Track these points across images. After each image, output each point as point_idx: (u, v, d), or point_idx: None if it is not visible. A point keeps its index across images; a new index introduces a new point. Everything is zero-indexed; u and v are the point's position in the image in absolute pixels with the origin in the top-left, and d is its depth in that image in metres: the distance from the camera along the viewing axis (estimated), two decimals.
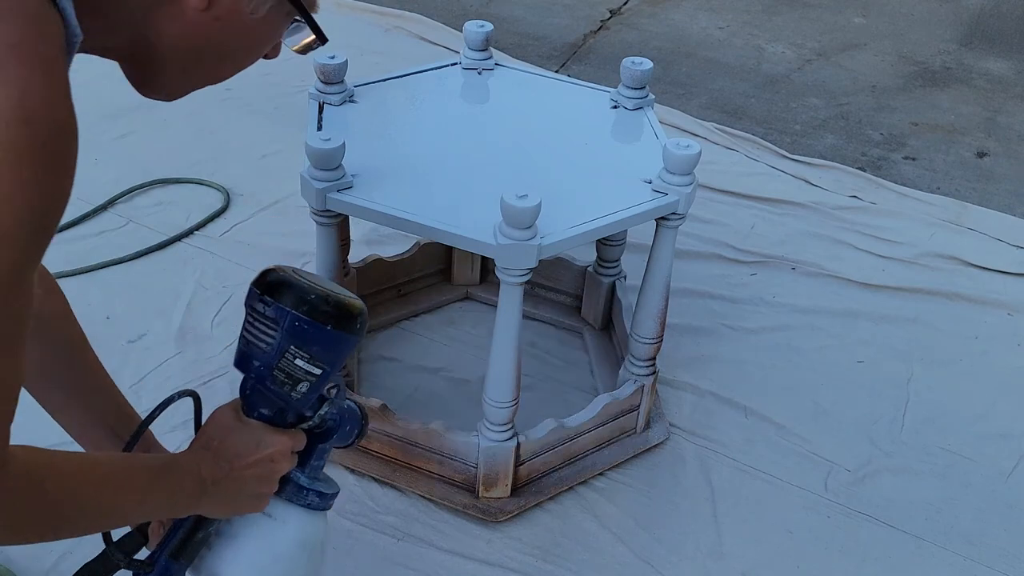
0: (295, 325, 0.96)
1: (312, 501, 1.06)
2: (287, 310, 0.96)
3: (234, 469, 0.96)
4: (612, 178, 1.60)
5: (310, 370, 0.98)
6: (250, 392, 1.01)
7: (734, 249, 2.37)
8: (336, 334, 0.98)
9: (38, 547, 1.55)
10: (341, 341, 0.99)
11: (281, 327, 0.96)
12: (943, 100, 3.21)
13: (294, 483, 1.05)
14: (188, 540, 1.01)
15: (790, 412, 1.92)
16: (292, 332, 0.96)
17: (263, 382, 0.99)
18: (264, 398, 1.00)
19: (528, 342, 1.96)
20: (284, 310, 0.96)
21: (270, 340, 0.97)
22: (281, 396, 1.00)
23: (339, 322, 0.98)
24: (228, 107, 2.81)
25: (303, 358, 0.97)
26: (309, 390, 1.00)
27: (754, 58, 3.44)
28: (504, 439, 1.61)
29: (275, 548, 1.04)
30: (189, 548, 1.01)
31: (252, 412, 1.01)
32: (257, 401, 1.01)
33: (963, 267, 2.37)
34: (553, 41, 3.47)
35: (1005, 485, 1.82)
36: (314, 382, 0.99)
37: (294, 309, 0.96)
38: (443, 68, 1.90)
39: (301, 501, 1.05)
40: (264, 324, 0.98)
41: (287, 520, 1.05)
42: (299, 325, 0.96)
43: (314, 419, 1.04)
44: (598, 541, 1.65)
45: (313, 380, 0.99)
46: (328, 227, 1.55)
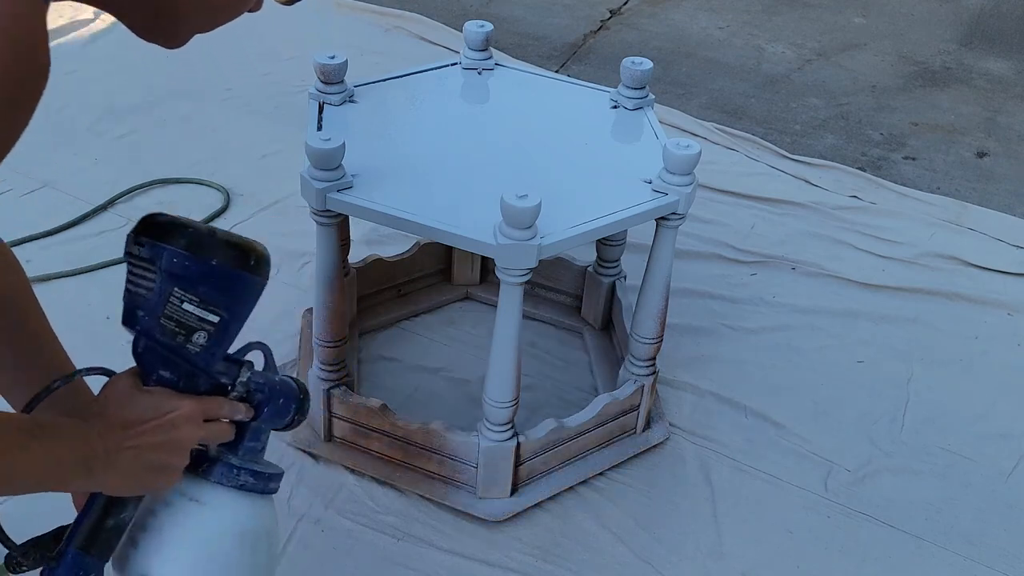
0: (174, 262, 0.87)
1: (246, 481, 0.95)
2: (163, 246, 0.87)
3: (129, 437, 0.87)
4: (612, 178, 1.60)
5: (203, 316, 0.89)
6: (143, 351, 0.91)
7: (734, 249, 2.37)
8: (225, 270, 0.89)
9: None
10: (233, 280, 0.90)
11: (159, 267, 0.87)
12: (943, 100, 3.21)
13: (223, 463, 0.95)
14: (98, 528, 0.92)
15: (790, 412, 1.92)
16: (172, 272, 0.87)
17: (152, 335, 0.89)
18: (159, 357, 0.91)
19: (528, 342, 1.96)
20: (160, 247, 0.88)
21: (150, 284, 0.88)
22: (176, 351, 0.90)
23: (226, 256, 0.89)
24: (228, 107, 2.81)
25: (191, 301, 0.88)
26: (209, 342, 0.90)
27: (754, 58, 3.44)
28: (504, 439, 1.61)
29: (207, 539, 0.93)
30: (100, 538, 0.91)
31: (151, 377, 0.92)
32: (152, 362, 0.91)
33: (963, 267, 2.37)
34: (553, 41, 3.47)
35: (1005, 485, 1.82)
36: (212, 332, 0.90)
37: (171, 244, 0.88)
38: (443, 68, 1.90)
39: (233, 482, 0.95)
40: (142, 268, 0.89)
41: (218, 506, 0.94)
42: (178, 261, 0.87)
43: (236, 388, 0.95)
44: (598, 541, 1.65)
45: (210, 329, 0.89)
46: (328, 227, 1.55)
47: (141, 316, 0.90)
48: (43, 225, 2.26)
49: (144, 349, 0.91)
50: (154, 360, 0.91)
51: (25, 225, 2.25)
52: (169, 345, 0.90)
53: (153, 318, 0.89)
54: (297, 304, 2.05)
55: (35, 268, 2.07)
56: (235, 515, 0.95)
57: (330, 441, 1.74)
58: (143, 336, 0.91)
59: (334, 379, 1.70)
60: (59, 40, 3.02)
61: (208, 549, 0.93)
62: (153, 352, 0.91)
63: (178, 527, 0.92)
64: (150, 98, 2.82)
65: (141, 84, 2.88)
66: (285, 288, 2.14)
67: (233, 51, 3.10)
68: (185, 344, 0.90)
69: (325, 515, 1.65)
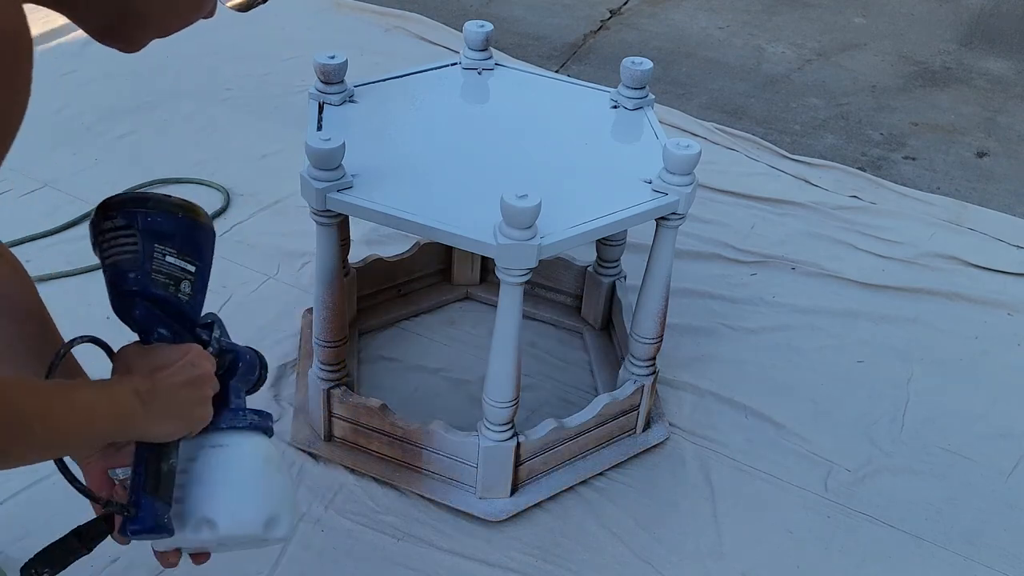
0: (149, 221, 0.98)
1: (252, 420, 1.07)
2: (136, 211, 0.98)
3: (161, 380, 0.95)
4: (612, 178, 1.60)
5: (184, 266, 1.00)
6: (140, 314, 1.00)
7: (734, 249, 2.37)
8: (190, 222, 1.01)
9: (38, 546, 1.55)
10: (197, 230, 1.02)
11: (138, 229, 0.98)
12: (943, 100, 3.21)
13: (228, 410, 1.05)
14: (157, 473, 0.98)
15: (790, 412, 1.92)
16: (149, 230, 0.98)
17: (148, 291, 0.99)
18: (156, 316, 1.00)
19: (528, 342, 1.96)
20: (133, 212, 0.98)
21: (133, 246, 0.98)
22: (171, 302, 1.00)
23: (186, 212, 1.01)
24: (228, 107, 2.81)
25: (171, 254, 0.99)
26: (193, 290, 1.02)
27: (754, 58, 3.44)
28: (504, 439, 1.61)
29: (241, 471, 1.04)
30: (162, 482, 0.99)
31: (151, 338, 1.01)
32: (151, 321, 1.00)
33: (963, 267, 2.37)
34: (553, 41, 3.47)
35: (1005, 485, 1.82)
36: (194, 280, 1.02)
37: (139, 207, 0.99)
38: (443, 68, 1.90)
39: (241, 423, 1.06)
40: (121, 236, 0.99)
41: (237, 444, 1.05)
42: (152, 220, 0.98)
43: (212, 344, 1.05)
44: (598, 541, 1.65)
45: (191, 278, 1.01)
46: (328, 227, 1.55)
47: (133, 277, 0.99)
48: (43, 225, 2.26)
49: (142, 311, 1.00)
50: (152, 320, 1.00)
51: (25, 225, 2.25)
52: (164, 297, 1.00)
53: (145, 275, 0.98)
54: (297, 304, 2.05)
55: (35, 268, 2.07)
56: (254, 447, 1.06)
57: (330, 441, 1.74)
58: (139, 297, 0.99)
59: (334, 379, 1.70)
60: (59, 40, 3.01)
61: (245, 479, 1.04)
62: (150, 312, 1.00)
63: (214, 471, 1.02)
64: (150, 98, 2.82)
65: (141, 84, 2.88)
66: (285, 288, 2.14)
67: (233, 51, 3.10)
68: (177, 294, 1.00)
69: (325, 515, 1.65)
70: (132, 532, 0.97)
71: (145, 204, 0.99)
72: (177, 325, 1.02)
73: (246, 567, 1.56)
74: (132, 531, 0.97)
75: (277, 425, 1.79)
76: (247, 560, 1.56)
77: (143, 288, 0.99)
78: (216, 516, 1.01)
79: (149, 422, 0.95)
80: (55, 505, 1.63)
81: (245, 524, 1.03)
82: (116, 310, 1.02)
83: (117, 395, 0.92)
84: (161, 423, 0.96)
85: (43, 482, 1.65)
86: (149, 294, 0.99)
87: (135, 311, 1.00)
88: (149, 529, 0.97)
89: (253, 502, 1.04)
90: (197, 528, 1.01)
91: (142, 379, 0.95)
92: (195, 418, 1.00)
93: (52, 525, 1.56)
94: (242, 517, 1.03)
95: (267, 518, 1.04)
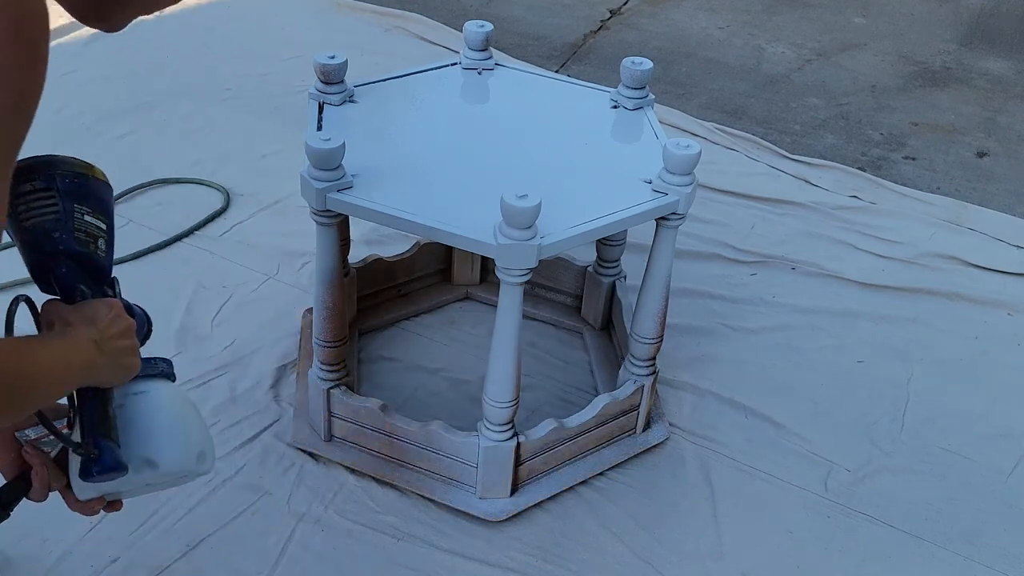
0: (67, 182, 1.03)
1: (163, 368, 1.13)
2: (53, 174, 1.03)
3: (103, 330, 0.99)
4: (612, 178, 1.60)
5: (98, 224, 1.05)
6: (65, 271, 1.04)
7: (734, 249, 2.37)
8: (96, 182, 1.06)
9: (38, 546, 1.56)
10: (103, 189, 1.07)
11: (58, 191, 1.03)
12: (943, 100, 3.21)
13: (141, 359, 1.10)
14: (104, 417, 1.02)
15: (790, 412, 1.92)
16: (67, 191, 1.03)
17: (72, 249, 1.03)
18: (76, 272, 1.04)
19: (528, 342, 1.96)
20: (51, 175, 1.03)
21: (54, 207, 1.02)
22: (92, 259, 1.05)
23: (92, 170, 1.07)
24: (228, 107, 2.81)
25: (88, 213, 1.04)
26: (107, 247, 1.07)
27: (754, 58, 3.44)
28: (504, 439, 1.61)
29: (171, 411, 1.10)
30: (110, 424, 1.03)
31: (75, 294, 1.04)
32: (73, 279, 1.04)
33: (963, 267, 2.37)
34: (553, 41, 3.47)
35: (1005, 485, 1.82)
36: (107, 237, 1.07)
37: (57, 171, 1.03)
38: (443, 68, 1.90)
39: (154, 370, 1.12)
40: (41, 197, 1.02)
41: (156, 388, 1.10)
42: (70, 182, 1.03)
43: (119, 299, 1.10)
44: (598, 541, 1.65)
45: (105, 235, 1.07)
46: (328, 227, 1.55)
47: (57, 237, 1.03)
48: None
49: (67, 269, 1.04)
50: (74, 277, 1.04)
51: None
52: (87, 255, 1.04)
53: (68, 234, 1.03)
54: (297, 304, 2.05)
55: None
56: (171, 391, 1.13)
57: (330, 441, 1.74)
58: (63, 256, 1.03)
59: (334, 379, 1.70)
60: (59, 40, 3.01)
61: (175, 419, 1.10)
62: (72, 270, 1.04)
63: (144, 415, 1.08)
64: (150, 98, 2.82)
65: (141, 84, 2.88)
66: (285, 288, 2.14)
67: (232, 51, 3.10)
68: (96, 251, 1.05)
69: (325, 515, 1.65)
70: (97, 473, 1.00)
71: (58, 166, 1.04)
72: (95, 282, 1.06)
73: (246, 567, 1.56)
74: (97, 472, 1.00)
75: (277, 425, 1.81)
76: (247, 560, 1.57)
77: (68, 246, 1.03)
78: (156, 455, 1.07)
79: (99, 371, 0.99)
80: (55, 505, 1.64)
81: (181, 460, 1.09)
82: (35, 271, 1.05)
83: (81, 345, 0.96)
84: (109, 370, 1.00)
85: None
86: (73, 252, 1.03)
87: (60, 269, 1.04)
88: (112, 468, 1.01)
89: (186, 439, 1.10)
90: (139, 469, 1.06)
91: (91, 329, 0.98)
92: (132, 365, 1.05)
93: (53, 525, 1.57)
94: (179, 454, 1.09)
95: (198, 452, 1.11)
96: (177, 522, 1.61)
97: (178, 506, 1.63)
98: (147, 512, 1.61)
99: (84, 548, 1.56)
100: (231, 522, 1.62)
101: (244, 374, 1.90)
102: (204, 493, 1.66)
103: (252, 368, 1.92)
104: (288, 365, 1.93)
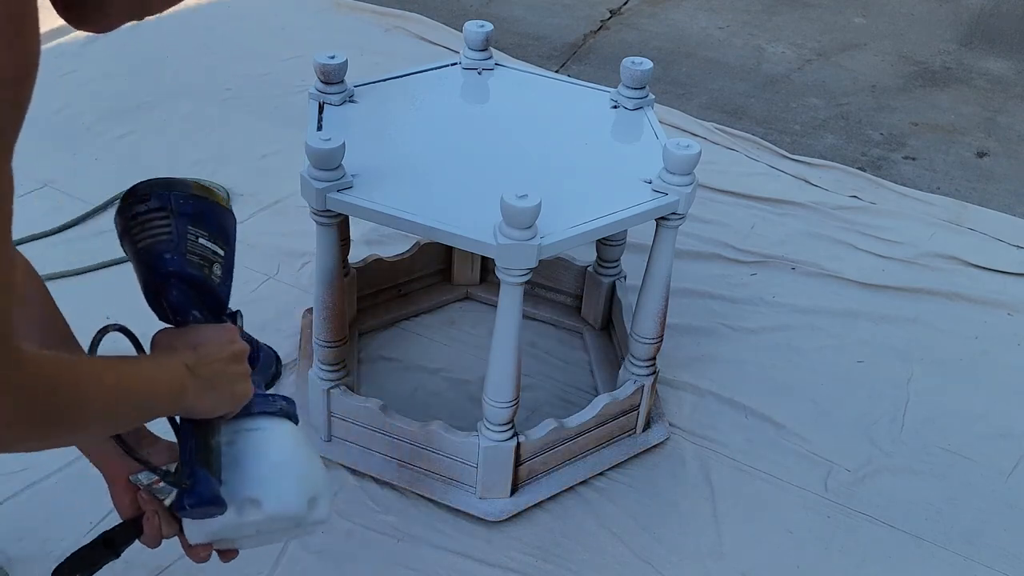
0: (181, 203, 1.01)
1: (282, 406, 1.08)
2: (169, 194, 1.01)
3: (204, 354, 0.96)
4: (612, 178, 1.60)
5: (214, 249, 1.03)
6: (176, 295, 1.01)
7: (734, 249, 2.37)
8: (216, 207, 1.04)
9: (38, 546, 1.56)
10: (224, 215, 1.05)
11: (172, 211, 1.00)
12: (943, 100, 3.21)
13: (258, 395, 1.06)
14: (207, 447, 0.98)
15: (790, 412, 1.92)
16: (183, 212, 1.01)
17: (184, 271, 1.00)
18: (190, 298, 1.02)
19: (528, 342, 1.96)
20: (167, 195, 1.01)
21: (168, 228, 1.00)
22: (206, 283, 1.02)
23: (212, 194, 1.04)
24: (228, 107, 2.81)
25: (203, 236, 1.02)
26: (223, 273, 1.04)
27: (754, 58, 3.44)
28: (504, 439, 1.61)
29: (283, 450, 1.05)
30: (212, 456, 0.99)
31: (187, 319, 1.02)
32: (185, 303, 1.02)
33: (963, 267, 2.37)
34: (553, 41, 3.47)
35: (1005, 485, 1.82)
36: (223, 263, 1.04)
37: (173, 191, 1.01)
38: (443, 68, 1.90)
39: (273, 408, 1.07)
40: (156, 218, 1.00)
41: (272, 426, 1.06)
42: (185, 203, 1.01)
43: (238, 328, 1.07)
44: (598, 541, 1.65)
45: (222, 260, 1.04)
46: (328, 227, 1.55)
47: (169, 258, 1.00)
48: (43, 225, 2.26)
49: (178, 292, 1.01)
50: (186, 302, 1.02)
51: (25, 225, 2.25)
52: (200, 279, 1.01)
53: (180, 256, 1.00)
54: (297, 304, 2.05)
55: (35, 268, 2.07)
56: (288, 429, 1.08)
57: (330, 441, 1.74)
58: (175, 278, 1.01)
59: (334, 379, 1.69)
60: (59, 40, 3.01)
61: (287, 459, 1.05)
62: (185, 294, 1.01)
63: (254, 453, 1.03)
64: (150, 98, 2.82)
65: (141, 84, 2.88)
66: (285, 288, 2.14)
67: (232, 51, 3.10)
68: (210, 276, 1.02)
69: None
70: (190, 506, 0.96)
71: (175, 187, 1.01)
72: (208, 309, 1.03)
73: (246, 567, 1.56)
74: (190, 504, 0.96)
75: None
76: (247, 560, 1.56)
77: (180, 269, 1.00)
78: (261, 496, 1.01)
79: (198, 396, 0.95)
80: (56, 505, 1.64)
81: (290, 504, 1.03)
82: (149, 295, 1.03)
83: (171, 368, 0.93)
84: (208, 397, 0.97)
85: (44, 482, 1.65)
86: (186, 275, 1.01)
87: (171, 292, 1.01)
88: (207, 501, 0.97)
89: (296, 482, 1.04)
90: (241, 510, 1.00)
91: (189, 353, 0.95)
92: (238, 394, 1.01)
93: (53, 525, 1.57)
94: (287, 497, 1.03)
95: (310, 498, 1.05)
96: None
97: None
98: None
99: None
100: None
101: None
102: None
103: None
104: (288, 365, 1.93)
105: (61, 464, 1.65)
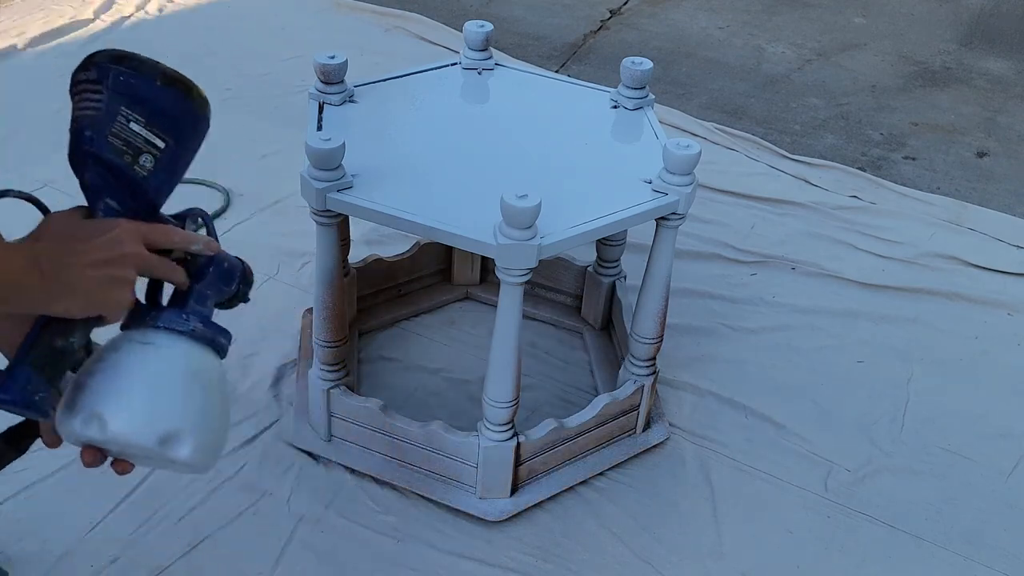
0: (119, 79, 0.90)
1: (195, 327, 0.95)
2: (109, 66, 0.91)
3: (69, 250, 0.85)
4: (612, 178, 1.60)
5: (149, 139, 0.92)
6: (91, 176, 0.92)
7: (734, 249, 2.37)
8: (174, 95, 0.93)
9: (38, 547, 1.56)
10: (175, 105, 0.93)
11: (106, 85, 0.90)
12: (943, 100, 3.21)
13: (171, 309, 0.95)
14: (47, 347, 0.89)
15: (790, 412, 1.92)
16: (117, 87, 0.90)
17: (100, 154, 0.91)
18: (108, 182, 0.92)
19: (528, 342, 1.96)
20: (106, 66, 0.91)
21: (97, 101, 0.91)
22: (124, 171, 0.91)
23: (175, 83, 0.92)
24: (228, 107, 2.81)
25: (137, 121, 0.91)
26: (155, 167, 0.92)
27: (754, 58, 3.44)
28: (504, 439, 1.61)
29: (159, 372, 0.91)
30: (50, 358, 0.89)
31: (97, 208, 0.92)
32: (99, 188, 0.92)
33: (963, 267, 2.37)
34: (553, 41, 3.47)
35: (1005, 485, 1.82)
36: (159, 157, 0.92)
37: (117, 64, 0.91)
38: (443, 68, 1.90)
39: (182, 327, 0.94)
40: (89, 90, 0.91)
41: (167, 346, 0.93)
42: (124, 79, 0.90)
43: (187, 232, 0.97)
44: (598, 541, 1.65)
45: (156, 154, 0.92)
46: (328, 227, 1.55)
47: (88, 136, 0.91)
48: None
49: (92, 174, 0.92)
50: (101, 186, 0.92)
51: (25, 225, 2.24)
52: (116, 164, 0.91)
53: (101, 136, 0.90)
54: (297, 304, 2.05)
55: None
56: (186, 356, 0.94)
57: (330, 441, 1.74)
58: (90, 159, 0.92)
59: (334, 379, 1.70)
60: (59, 40, 3.02)
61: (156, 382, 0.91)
62: (102, 178, 0.92)
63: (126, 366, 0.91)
64: None
65: None
66: (285, 288, 2.14)
67: (233, 51, 3.10)
68: (132, 165, 0.92)
69: (325, 515, 1.65)
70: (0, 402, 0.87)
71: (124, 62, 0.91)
72: (131, 202, 0.93)
73: (246, 567, 1.56)
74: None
75: (277, 425, 1.80)
76: (247, 560, 1.57)
77: (97, 150, 0.91)
78: (107, 413, 0.88)
79: (48, 294, 0.85)
80: (55, 505, 1.64)
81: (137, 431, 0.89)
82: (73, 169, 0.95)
83: (10, 258, 0.84)
84: (62, 298, 0.86)
85: (44, 482, 1.65)
86: (103, 158, 0.91)
87: (86, 173, 0.93)
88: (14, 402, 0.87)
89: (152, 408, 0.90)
90: (87, 422, 0.89)
91: (50, 246, 0.86)
92: (109, 300, 0.88)
93: (53, 525, 1.57)
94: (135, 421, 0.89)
95: (165, 431, 0.90)
96: (177, 522, 1.61)
97: (178, 506, 1.63)
98: (147, 512, 1.62)
99: (84, 548, 1.56)
100: (231, 522, 1.62)
101: (244, 374, 1.90)
102: (204, 493, 1.66)
103: (252, 368, 1.92)
104: (288, 365, 1.93)
105: (61, 464, 1.65)
